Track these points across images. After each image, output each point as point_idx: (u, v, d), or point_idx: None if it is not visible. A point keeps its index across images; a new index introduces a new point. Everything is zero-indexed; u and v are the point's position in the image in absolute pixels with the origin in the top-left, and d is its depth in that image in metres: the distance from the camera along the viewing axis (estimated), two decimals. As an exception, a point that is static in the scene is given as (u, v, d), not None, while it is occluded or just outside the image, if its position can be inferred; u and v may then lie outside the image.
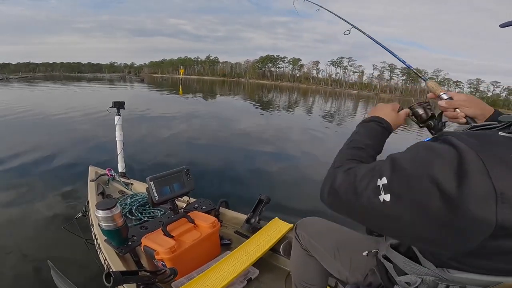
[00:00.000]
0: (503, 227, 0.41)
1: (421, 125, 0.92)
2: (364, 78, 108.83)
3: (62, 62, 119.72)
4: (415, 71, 1.11)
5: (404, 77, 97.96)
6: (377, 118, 0.84)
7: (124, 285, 1.23)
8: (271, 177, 4.01)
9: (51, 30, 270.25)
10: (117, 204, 1.48)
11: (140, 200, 2.07)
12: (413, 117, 0.92)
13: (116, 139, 2.48)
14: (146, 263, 1.60)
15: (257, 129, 8.13)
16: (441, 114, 0.88)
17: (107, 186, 2.35)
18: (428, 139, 0.58)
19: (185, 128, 7.60)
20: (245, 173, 4.05)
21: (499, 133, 0.50)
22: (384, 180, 0.51)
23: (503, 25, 0.68)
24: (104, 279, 1.03)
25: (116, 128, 2.45)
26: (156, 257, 1.44)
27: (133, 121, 7.32)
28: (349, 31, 1.35)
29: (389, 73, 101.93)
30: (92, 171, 2.41)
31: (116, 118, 2.42)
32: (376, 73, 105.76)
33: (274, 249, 1.71)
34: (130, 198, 2.09)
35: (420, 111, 0.90)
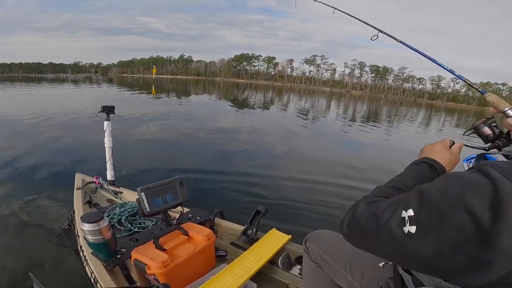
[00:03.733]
0: None
1: (487, 147, 0.81)
2: (336, 75, 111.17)
3: (21, 63, 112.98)
4: (469, 82, 1.01)
5: (373, 75, 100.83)
6: (428, 159, 0.76)
7: None
8: (267, 186, 3.90)
9: (8, 30, 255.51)
10: (105, 217, 1.41)
11: (130, 209, 1.97)
12: (479, 137, 0.82)
13: (105, 145, 2.38)
14: (136, 277, 1.53)
15: (254, 135, 8.01)
16: (509, 132, 0.78)
17: (95, 195, 2.25)
18: (465, 160, 0.55)
19: (178, 133, 7.47)
20: (241, 182, 3.94)
21: None
22: (410, 212, 0.51)
23: None
24: None
25: (105, 134, 2.36)
26: (148, 271, 1.37)
27: (118, 124, 7.02)
28: (377, 35, 1.32)
29: (359, 70, 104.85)
30: (78, 179, 2.30)
31: (105, 123, 2.33)
32: (347, 70, 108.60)
33: (272, 261, 1.65)
34: (119, 208, 1.99)
35: (487, 131, 0.80)
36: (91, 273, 1.47)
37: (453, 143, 0.81)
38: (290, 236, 1.75)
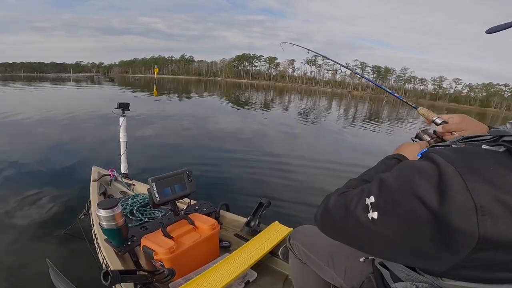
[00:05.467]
0: (486, 239, 0.41)
1: None
2: (338, 76, 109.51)
3: (22, 62, 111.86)
4: (405, 100, 1.19)
5: (374, 75, 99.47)
6: (401, 156, 0.80)
7: (121, 284, 1.22)
8: (272, 181, 4.02)
9: (9, 30, 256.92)
10: (119, 204, 1.49)
11: (141, 201, 2.07)
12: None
13: (120, 140, 2.48)
14: (144, 263, 1.61)
15: (258, 132, 8.12)
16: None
17: (109, 187, 2.35)
18: (419, 155, 0.60)
19: (185, 130, 7.60)
20: (246, 177, 4.07)
21: (483, 146, 0.51)
22: (372, 199, 0.54)
23: (489, 31, 0.61)
24: (102, 277, 1.03)
25: (120, 129, 2.46)
26: (155, 257, 1.45)
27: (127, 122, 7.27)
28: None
29: (361, 71, 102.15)
30: (95, 171, 2.41)
31: (121, 119, 2.44)
32: (348, 71, 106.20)
33: (273, 253, 1.72)
34: (131, 199, 2.09)
35: (427, 138, 0.89)
36: (103, 259, 1.55)
37: None
38: (291, 229, 1.78)
